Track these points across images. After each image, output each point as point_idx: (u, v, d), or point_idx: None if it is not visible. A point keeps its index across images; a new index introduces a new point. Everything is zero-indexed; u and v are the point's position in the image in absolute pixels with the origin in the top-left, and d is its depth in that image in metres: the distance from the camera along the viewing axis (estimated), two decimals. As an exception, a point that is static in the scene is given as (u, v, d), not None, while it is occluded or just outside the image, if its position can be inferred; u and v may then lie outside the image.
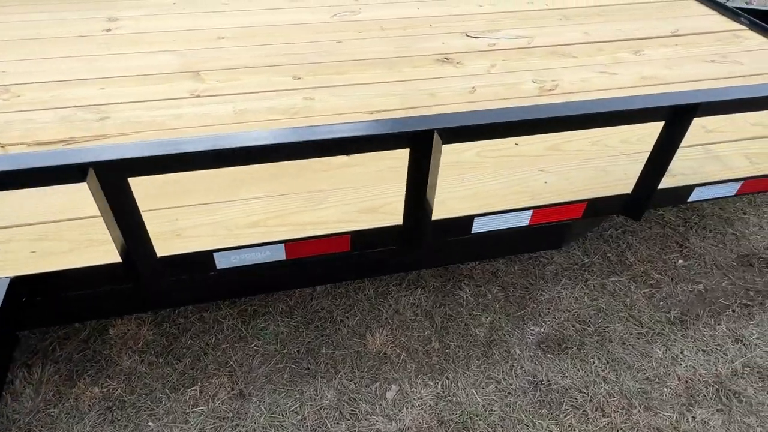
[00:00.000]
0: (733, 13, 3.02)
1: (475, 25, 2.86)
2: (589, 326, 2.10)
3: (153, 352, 1.93)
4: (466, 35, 2.76)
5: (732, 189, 1.85)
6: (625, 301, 2.20)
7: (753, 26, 2.91)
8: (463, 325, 2.07)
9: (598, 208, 1.73)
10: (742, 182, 1.83)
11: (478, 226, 1.65)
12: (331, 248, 1.55)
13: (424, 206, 1.49)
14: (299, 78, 2.34)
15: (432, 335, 2.03)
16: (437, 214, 1.62)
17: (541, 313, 2.13)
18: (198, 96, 2.18)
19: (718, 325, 2.13)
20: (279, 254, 1.52)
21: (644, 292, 2.24)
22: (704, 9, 3.15)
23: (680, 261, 2.39)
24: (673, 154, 1.55)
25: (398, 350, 1.98)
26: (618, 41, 2.74)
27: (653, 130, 2.03)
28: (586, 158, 1.91)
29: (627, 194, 1.70)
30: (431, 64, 2.49)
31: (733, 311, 2.18)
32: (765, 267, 2.38)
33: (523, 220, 1.68)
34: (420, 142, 1.31)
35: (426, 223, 1.54)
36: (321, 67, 2.42)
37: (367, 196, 1.70)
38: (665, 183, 1.86)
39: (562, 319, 2.12)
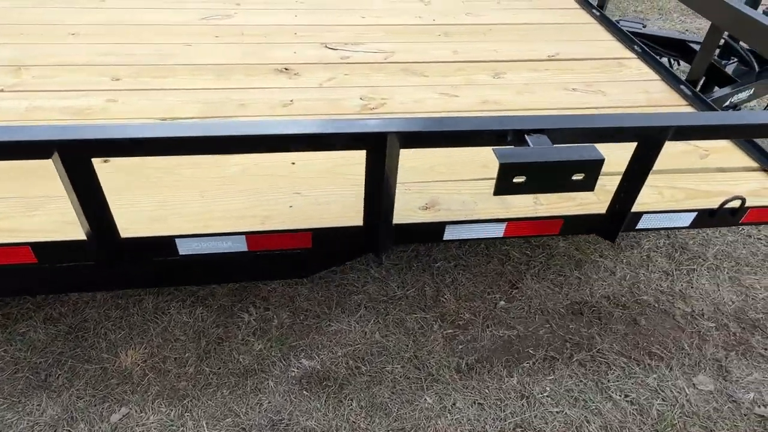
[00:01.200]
0: (630, 41, 2.81)
1: (343, 36, 2.74)
2: (364, 365, 1.94)
3: None
4: (326, 46, 2.65)
5: (498, 230, 1.67)
6: (419, 341, 2.03)
7: (643, 55, 2.69)
8: (228, 351, 1.95)
9: (329, 240, 1.59)
10: (506, 223, 1.66)
11: (185, 248, 1.53)
12: (9, 259, 1.47)
13: (104, 223, 1.39)
14: (118, 79, 2.27)
15: (191, 358, 1.92)
16: (134, 231, 1.52)
17: (320, 346, 1.99)
18: (2, 91, 2.14)
19: (510, 377, 1.94)
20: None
21: (446, 333, 2.07)
22: (603, 34, 2.94)
23: (502, 302, 2.21)
24: (381, 185, 1.40)
25: (147, 371, 1.87)
26: (484, 62, 2.58)
27: (440, 158, 1.89)
28: (356, 183, 1.77)
29: (359, 227, 1.55)
30: (266, 73, 2.38)
31: (534, 363, 1.99)
32: (596, 317, 2.17)
33: (240, 245, 1.56)
34: (67, 156, 1.22)
35: (113, 241, 1.44)
36: (149, 70, 2.35)
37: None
38: (420, 217, 1.71)
39: (340, 354, 1.97)
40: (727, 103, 2.69)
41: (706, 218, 1.76)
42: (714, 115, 1.60)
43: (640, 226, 1.74)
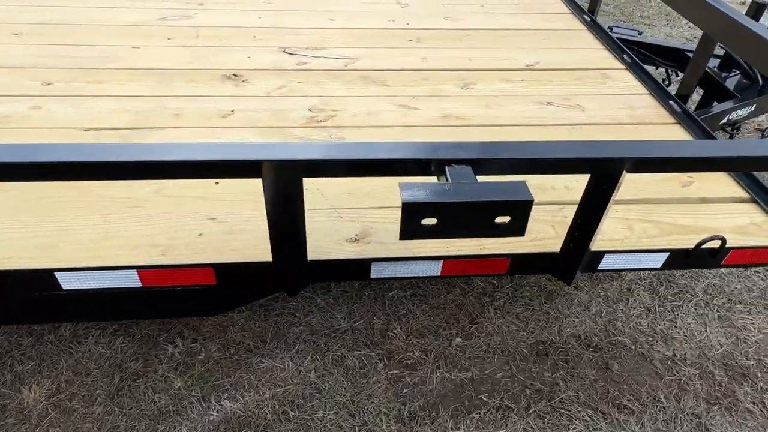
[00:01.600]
0: (620, 50, 2.57)
1: (305, 40, 2.55)
2: (293, 410, 1.74)
3: None
4: (284, 51, 2.45)
5: (433, 269, 1.46)
6: (358, 383, 1.82)
7: (633, 67, 2.45)
8: (144, 388, 1.76)
9: (236, 276, 1.39)
10: (441, 262, 1.44)
11: (69, 283, 1.35)
12: None
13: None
14: (50, 84, 2.10)
15: (101, 396, 1.73)
16: (14, 262, 1.33)
17: (247, 385, 1.79)
18: None
19: (457, 429, 1.72)
20: None
21: (391, 374, 1.86)
22: (591, 42, 2.70)
23: (458, 339, 1.99)
24: (283, 218, 1.20)
25: (51, 409, 1.69)
26: (454, 71, 2.36)
27: (383, 180, 1.68)
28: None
29: (268, 263, 1.35)
30: (211, 80, 2.19)
31: (486, 413, 1.76)
32: (562, 360, 1.94)
33: (132, 280, 1.36)
34: None
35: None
36: (86, 74, 2.17)
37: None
38: (346, 252, 1.50)
39: (267, 395, 1.77)
40: (725, 120, 2.43)
41: (681, 259, 1.52)
42: (683, 145, 1.35)
43: (602, 267, 1.51)
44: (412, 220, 1.00)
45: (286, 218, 1.22)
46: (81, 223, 1.48)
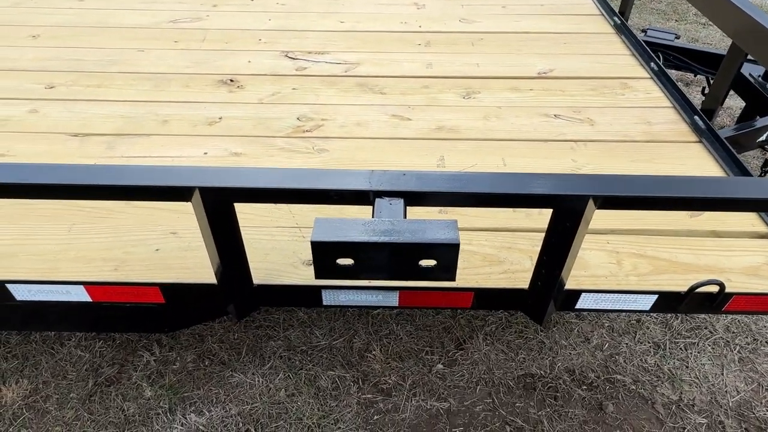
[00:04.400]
0: (648, 57, 2.34)
1: (310, 43, 2.48)
2: (256, 429, 1.69)
3: None
4: (286, 55, 2.40)
5: (390, 299, 1.36)
6: (327, 406, 1.76)
7: (659, 75, 2.22)
8: (115, 395, 1.77)
9: (183, 296, 1.35)
10: (398, 292, 1.34)
11: (22, 294, 1.35)
12: None
13: None
14: (52, 87, 2.15)
15: (74, 399, 1.76)
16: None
17: (215, 400, 1.76)
18: (-71, 97, 2.08)
19: (423, 465, 1.62)
20: None
21: (364, 399, 1.78)
22: (616, 47, 2.48)
23: (439, 366, 1.88)
24: (218, 241, 1.14)
25: (26, 409, 1.72)
26: (457, 78, 2.22)
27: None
28: (246, 225, 1.51)
29: (213, 285, 1.30)
30: (207, 85, 2.17)
31: (457, 450, 1.66)
32: (551, 396, 1.80)
33: (81, 295, 1.35)
34: None
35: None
36: (87, 77, 2.20)
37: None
38: (299, 276, 1.42)
39: (233, 412, 1.73)
40: (763, 138, 2.17)
41: (674, 303, 1.35)
42: (664, 181, 1.15)
43: (580, 306, 1.36)
44: (325, 261, 0.92)
45: (222, 243, 1.17)
46: (44, 233, 1.48)
